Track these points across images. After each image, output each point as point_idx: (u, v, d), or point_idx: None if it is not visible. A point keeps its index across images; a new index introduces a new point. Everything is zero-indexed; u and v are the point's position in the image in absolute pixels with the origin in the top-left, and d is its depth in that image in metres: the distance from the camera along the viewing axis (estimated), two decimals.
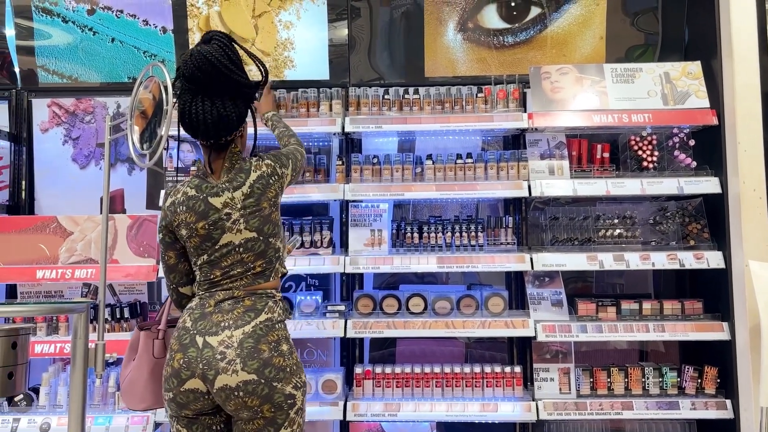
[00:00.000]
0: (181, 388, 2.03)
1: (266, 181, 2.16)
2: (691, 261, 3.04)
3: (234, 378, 1.98)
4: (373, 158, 3.25)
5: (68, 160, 3.67)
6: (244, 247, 2.11)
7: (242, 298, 2.10)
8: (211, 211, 2.10)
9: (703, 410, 2.99)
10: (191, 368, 2.02)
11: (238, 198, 2.11)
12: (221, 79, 2.05)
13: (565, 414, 3.01)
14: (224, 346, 2.01)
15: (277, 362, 2.03)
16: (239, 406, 2.00)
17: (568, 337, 3.05)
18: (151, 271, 3.16)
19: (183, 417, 2.08)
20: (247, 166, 2.17)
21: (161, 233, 2.20)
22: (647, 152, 3.22)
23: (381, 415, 3.02)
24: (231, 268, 2.11)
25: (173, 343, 2.09)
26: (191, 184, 2.17)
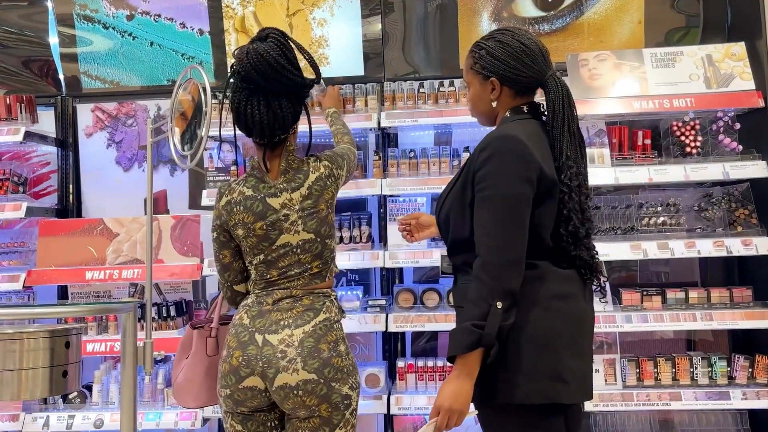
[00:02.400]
0: (239, 386, 2.06)
1: (324, 183, 2.17)
2: (738, 248, 2.96)
3: (294, 377, 2.00)
4: (409, 152, 3.25)
5: (112, 163, 3.76)
6: (301, 248, 2.12)
7: (300, 297, 2.12)
8: (269, 211, 2.11)
9: (755, 400, 2.92)
10: (251, 366, 2.04)
11: (297, 199, 2.12)
12: (277, 78, 2.03)
13: (611, 405, 2.97)
14: (285, 344, 2.03)
15: (335, 362, 2.04)
16: (297, 405, 2.02)
17: (612, 327, 3.00)
18: (195, 270, 3.22)
19: (239, 413, 2.11)
20: (305, 167, 2.17)
21: (215, 232, 2.21)
22: (690, 137, 3.15)
23: (425, 408, 3.02)
24: (288, 268, 2.13)
25: (230, 339, 2.11)
26: (248, 183, 2.17)
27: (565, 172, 1.84)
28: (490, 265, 1.74)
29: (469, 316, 1.72)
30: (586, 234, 1.88)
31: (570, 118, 1.89)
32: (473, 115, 2.08)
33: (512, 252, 1.76)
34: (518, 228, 1.78)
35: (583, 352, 1.87)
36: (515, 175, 1.79)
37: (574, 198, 1.83)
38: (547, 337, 1.79)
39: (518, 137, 1.81)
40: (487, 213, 1.80)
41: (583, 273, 1.89)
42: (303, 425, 2.04)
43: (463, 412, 1.73)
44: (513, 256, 1.76)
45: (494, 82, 1.93)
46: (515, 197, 1.78)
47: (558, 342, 1.80)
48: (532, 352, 1.78)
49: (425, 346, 3.42)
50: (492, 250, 1.75)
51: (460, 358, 1.72)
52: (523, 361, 1.77)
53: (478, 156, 1.85)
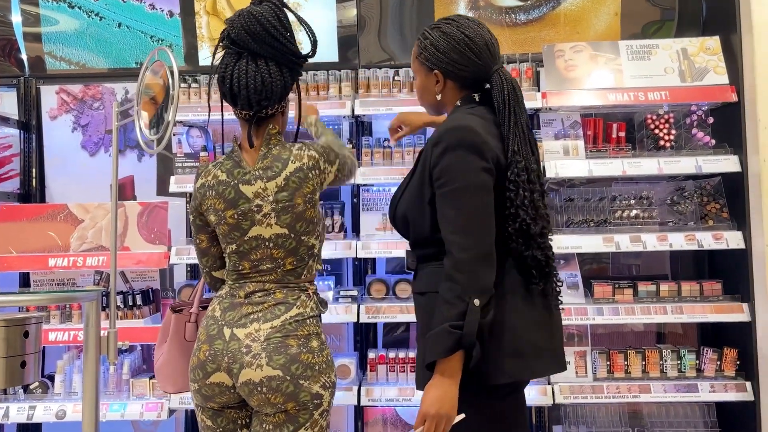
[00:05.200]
0: (206, 381, 1.99)
1: (305, 174, 2.02)
2: (709, 241, 2.98)
3: (258, 373, 1.92)
4: (384, 141, 3.20)
5: (77, 148, 3.65)
6: (274, 243, 2.01)
7: (273, 291, 2.02)
8: (241, 200, 2.01)
9: (723, 392, 2.95)
10: (217, 361, 1.97)
11: (271, 189, 2.00)
12: (269, 41, 1.95)
13: (581, 398, 2.97)
14: (251, 339, 1.95)
15: (305, 359, 1.95)
16: (262, 402, 1.95)
17: (584, 320, 3.00)
18: (162, 258, 3.14)
19: (208, 409, 2.04)
20: (285, 154, 2.03)
21: (192, 215, 2.13)
22: (664, 131, 3.15)
23: (395, 400, 3.00)
24: (260, 262, 2.02)
25: (201, 332, 2.04)
26: (224, 166, 2.07)
27: (512, 168, 1.79)
28: (462, 262, 1.69)
29: (444, 318, 1.65)
30: (540, 233, 1.81)
31: (517, 114, 1.84)
32: (421, 104, 2.03)
33: (482, 245, 1.71)
34: (485, 220, 1.74)
35: (545, 324, 1.83)
36: (473, 166, 1.74)
37: (521, 194, 1.78)
38: (504, 317, 1.76)
39: (471, 127, 1.77)
40: (450, 209, 1.75)
41: (534, 276, 1.79)
42: (267, 419, 1.97)
43: (451, 416, 1.67)
44: (484, 250, 1.71)
45: (438, 75, 1.88)
46: (476, 188, 1.74)
47: (515, 319, 1.77)
48: (491, 333, 1.72)
49: (397, 337, 3.39)
50: (462, 246, 1.70)
51: (441, 363, 1.65)
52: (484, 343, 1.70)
53: (432, 150, 1.80)
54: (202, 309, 2.26)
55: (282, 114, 2.11)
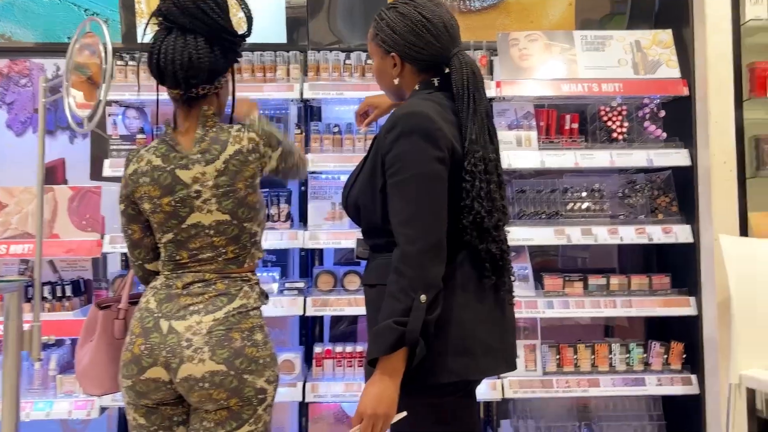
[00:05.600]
0: (141, 377, 1.85)
1: (244, 158, 1.90)
2: (659, 235, 2.98)
3: (200, 367, 1.80)
4: (333, 127, 3.08)
5: (2, 127, 3.40)
6: (215, 230, 1.89)
7: (214, 282, 1.90)
8: (178, 186, 1.87)
9: (669, 386, 2.95)
10: (153, 355, 1.83)
11: (210, 174, 1.88)
12: (198, 15, 1.84)
13: (531, 392, 2.93)
14: (191, 332, 1.82)
15: (249, 353, 1.84)
16: (204, 399, 1.82)
17: (534, 313, 2.96)
18: (95, 247, 2.95)
19: (142, 406, 1.90)
20: (224, 135, 1.91)
21: (122, 204, 1.97)
22: (617, 123, 3.13)
23: (342, 396, 2.90)
24: (200, 251, 1.90)
25: (134, 325, 1.90)
26: (158, 151, 1.92)
27: (468, 158, 1.71)
28: (410, 255, 1.61)
29: (389, 313, 1.58)
30: (495, 226, 1.73)
31: (476, 100, 1.76)
32: (381, 89, 1.94)
33: (431, 238, 1.63)
34: (435, 211, 1.66)
35: (496, 322, 1.75)
36: (426, 155, 1.66)
37: (477, 186, 1.70)
38: (452, 314, 1.68)
39: (426, 113, 1.69)
40: (400, 199, 1.67)
41: (487, 270, 1.72)
42: (209, 417, 1.84)
43: (389, 416, 1.59)
44: (433, 243, 1.63)
45: (395, 58, 1.80)
46: (429, 178, 1.66)
47: (464, 315, 1.70)
48: (438, 330, 1.64)
49: (345, 330, 3.28)
50: (410, 239, 1.62)
51: (382, 360, 1.58)
52: (429, 341, 1.62)
53: (386, 137, 1.72)
54: (131, 305, 2.10)
55: (217, 96, 1.98)
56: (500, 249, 1.75)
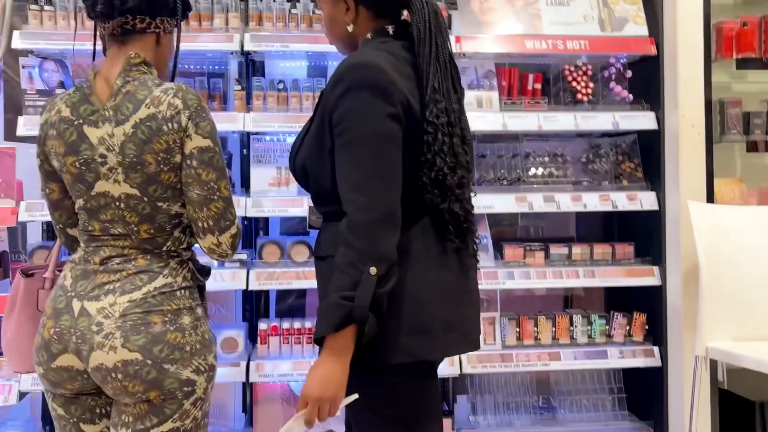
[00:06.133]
0: (52, 364, 1.61)
1: (157, 125, 1.57)
2: (624, 202, 2.85)
3: (111, 356, 1.55)
4: (278, 84, 2.82)
5: None
6: (125, 204, 1.61)
7: (134, 257, 1.63)
8: (83, 145, 1.60)
9: (631, 358, 2.86)
10: (63, 341, 1.59)
11: (119, 137, 1.58)
12: None
13: (490, 367, 2.80)
14: (103, 315, 1.57)
15: (172, 339, 1.58)
16: (118, 391, 1.57)
17: (494, 284, 2.82)
18: (9, 215, 2.63)
19: (59, 396, 1.67)
20: (142, 93, 1.60)
21: (38, 158, 1.70)
22: (582, 84, 2.96)
23: (289, 375, 2.71)
24: (111, 224, 1.63)
25: (47, 305, 1.65)
26: (70, 99, 1.64)
27: (430, 108, 1.55)
28: (359, 224, 1.45)
29: (337, 288, 1.44)
30: (458, 183, 1.58)
31: (438, 45, 1.59)
32: (331, 42, 1.74)
33: (384, 205, 1.47)
34: (388, 176, 1.50)
35: (459, 294, 1.62)
36: (377, 111, 1.49)
37: (440, 139, 1.55)
38: (409, 288, 1.54)
39: (377, 64, 1.52)
40: (349, 163, 1.50)
41: (450, 233, 1.58)
42: (127, 410, 1.61)
43: (336, 399, 1.44)
44: (385, 210, 1.47)
45: (348, 2, 1.62)
46: (380, 137, 1.49)
47: (423, 288, 1.56)
48: (393, 305, 1.50)
49: (292, 305, 3.07)
50: (359, 207, 1.46)
51: (329, 338, 1.44)
52: (381, 318, 1.48)
53: (332, 91, 1.54)
54: (59, 273, 1.84)
55: (157, 43, 1.69)
56: (464, 209, 1.60)
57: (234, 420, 3.02)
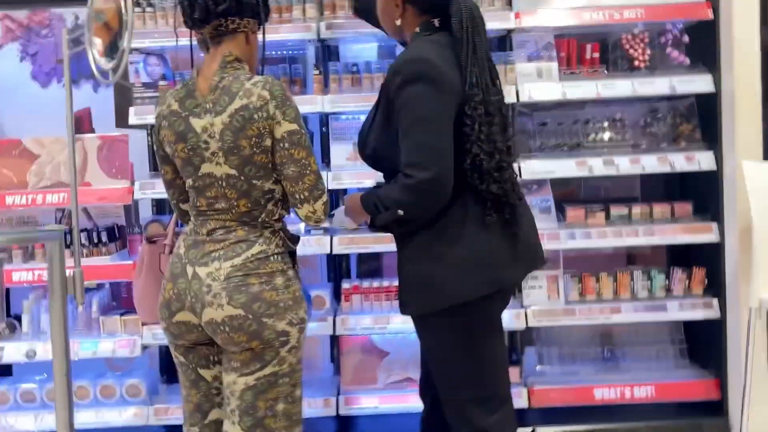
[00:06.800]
0: (172, 320, 1.96)
1: (249, 115, 1.84)
2: (682, 163, 2.97)
3: (219, 312, 1.88)
4: (352, 66, 3.07)
5: (28, 79, 3.46)
6: (226, 182, 1.90)
7: (234, 229, 1.93)
8: (190, 133, 1.90)
9: (690, 311, 3.00)
10: (181, 300, 1.93)
11: (218, 126, 1.87)
12: None
13: (554, 320, 3.01)
14: (211, 278, 1.89)
15: (268, 296, 1.89)
16: (226, 341, 1.92)
17: (556, 244, 2.99)
18: (126, 194, 3.03)
19: (180, 346, 2.02)
20: (236, 86, 1.87)
21: (155, 145, 2.04)
22: (639, 51, 3.07)
23: (371, 328, 3.00)
24: (215, 200, 1.93)
25: (167, 269, 2.00)
26: (178, 95, 1.95)
27: (469, 102, 1.79)
28: (414, 183, 1.77)
29: (376, 200, 1.90)
30: (497, 167, 1.83)
31: (477, 44, 1.83)
32: (385, 30, 2.02)
33: (438, 168, 1.76)
34: (444, 148, 1.77)
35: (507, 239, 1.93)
36: (432, 98, 1.75)
37: (476, 129, 1.79)
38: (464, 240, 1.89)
39: (428, 58, 1.77)
40: (411, 140, 1.78)
41: (488, 209, 1.87)
42: (235, 357, 1.94)
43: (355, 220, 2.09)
44: (439, 173, 1.76)
45: (397, 0, 1.85)
46: (435, 119, 1.77)
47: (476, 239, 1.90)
48: (460, 248, 1.86)
49: (372, 266, 3.36)
50: (418, 170, 1.76)
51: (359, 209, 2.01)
52: (455, 257, 1.86)
53: (392, 83, 1.80)
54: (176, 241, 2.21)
55: (247, 41, 1.98)
56: (502, 189, 1.86)
57: (323, 369, 3.37)
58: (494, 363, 2.02)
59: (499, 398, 2.03)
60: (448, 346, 1.98)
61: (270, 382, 1.92)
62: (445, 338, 1.98)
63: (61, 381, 2.05)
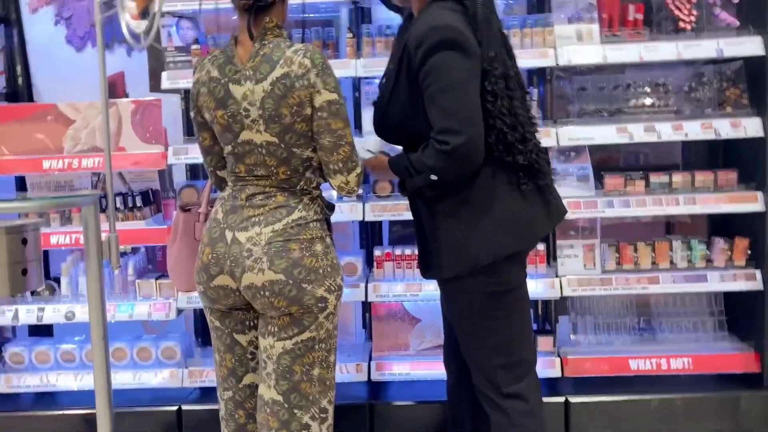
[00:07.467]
0: (210, 284, 1.97)
1: (291, 83, 1.83)
2: (727, 130, 2.86)
3: (260, 277, 1.88)
4: (386, 29, 3.01)
5: (62, 42, 3.46)
6: (266, 150, 1.90)
7: (274, 194, 1.93)
8: (230, 100, 1.88)
9: (731, 282, 2.92)
10: (219, 264, 1.93)
11: (258, 94, 1.85)
12: None
13: (589, 290, 2.96)
14: (252, 243, 1.89)
15: (308, 263, 1.90)
16: (266, 306, 1.93)
17: (593, 213, 2.93)
18: (160, 159, 3.04)
19: (216, 310, 2.03)
20: (277, 54, 1.85)
21: (192, 111, 2.03)
22: (685, 12, 2.94)
23: (403, 295, 3.00)
24: (254, 167, 1.93)
25: (204, 234, 2.00)
26: (217, 61, 1.93)
27: (489, 77, 1.81)
28: (448, 149, 1.79)
29: (413, 161, 1.93)
30: (521, 138, 1.87)
31: (491, 21, 1.84)
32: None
33: (471, 135, 1.78)
34: (473, 112, 1.79)
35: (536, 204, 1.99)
36: (458, 64, 1.77)
37: (498, 104, 1.81)
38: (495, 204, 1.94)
39: (450, 24, 1.77)
40: (440, 107, 1.79)
41: (522, 178, 1.92)
42: (273, 322, 1.95)
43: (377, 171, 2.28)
44: (472, 137, 1.78)
45: None
46: (463, 84, 1.78)
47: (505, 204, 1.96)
48: (492, 209, 1.92)
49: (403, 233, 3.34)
50: (450, 132, 1.78)
51: (383, 168, 2.11)
52: (487, 219, 1.92)
53: (415, 53, 1.79)
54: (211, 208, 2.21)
55: (283, 2, 1.95)
56: (528, 159, 1.89)
57: (355, 335, 3.38)
58: (522, 328, 2.06)
59: (527, 363, 2.06)
60: (478, 309, 2.00)
61: (307, 346, 1.94)
62: (476, 301, 2.00)
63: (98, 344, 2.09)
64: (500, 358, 2.01)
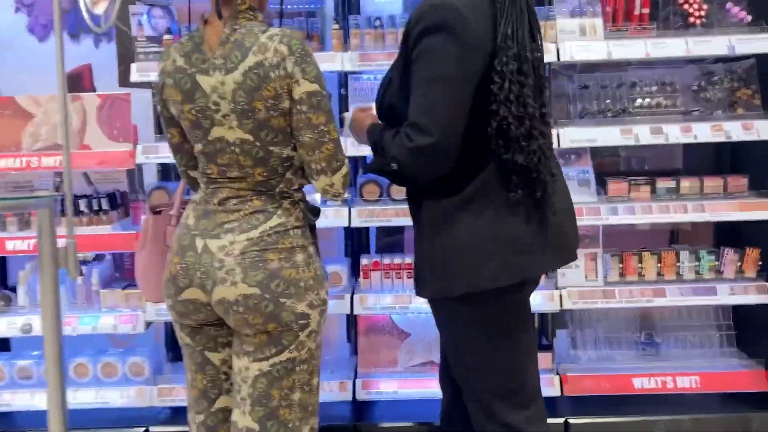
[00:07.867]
0: (179, 297, 1.75)
1: (265, 72, 1.62)
2: (738, 132, 2.69)
3: (233, 290, 1.67)
4: (375, 21, 2.80)
5: (24, 31, 3.21)
6: (240, 149, 1.69)
7: (250, 198, 1.72)
8: (197, 92, 1.67)
9: (743, 295, 2.75)
10: (189, 275, 1.72)
11: (229, 86, 1.64)
12: None
13: (591, 302, 2.77)
14: (224, 253, 1.68)
15: (287, 275, 1.69)
16: (240, 322, 1.70)
17: (596, 220, 2.75)
18: (128, 158, 2.80)
19: (185, 326, 1.82)
20: (249, 40, 1.64)
21: (159, 105, 1.81)
22: (694, 6, 2.77)
23: (391, 307, 2.79)
24: (227, 168, 1.72)
25: (173, 242, 1.79)
26: (183, 48, 1.72)
27: (500, 56, 1.58)
28: (414, 145, 1.59)
29: (384, 140, 1.72)
30: (526, 134, 1.61)
31: None
32: None
33: (441, 137, 1.58)
34: (454, 115, 1.59)
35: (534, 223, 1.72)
36: (451, 54, 1.57)
37: (506, 88, 1.58)
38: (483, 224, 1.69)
39: (456, 6, 1.57)
40: (421, 97, 1.60)
41: (514, 184, 1.65)
42: (248, 340, 1.74)
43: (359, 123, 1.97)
44: (440, 142, 1.58)
45: None
46: (450, 78, 1.58)
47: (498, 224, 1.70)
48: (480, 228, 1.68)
49: (392, 241, 3.14)
50: (420, 130, 1.59)
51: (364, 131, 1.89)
52: (474, 239, 1.67)
53: (413, 29, 1.61)
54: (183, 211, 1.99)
55: None
56: (529, 160, 1.64)
57: (340, 350, 3.17)
58: (518, 354, 1.82)
59: (526, 392, 1.84)
60: (464, 335, 1.79)
61: (286, 368, 1.73)
62: (461, 327, 1.79)
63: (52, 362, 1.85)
64: (492, 385, 1.80)
